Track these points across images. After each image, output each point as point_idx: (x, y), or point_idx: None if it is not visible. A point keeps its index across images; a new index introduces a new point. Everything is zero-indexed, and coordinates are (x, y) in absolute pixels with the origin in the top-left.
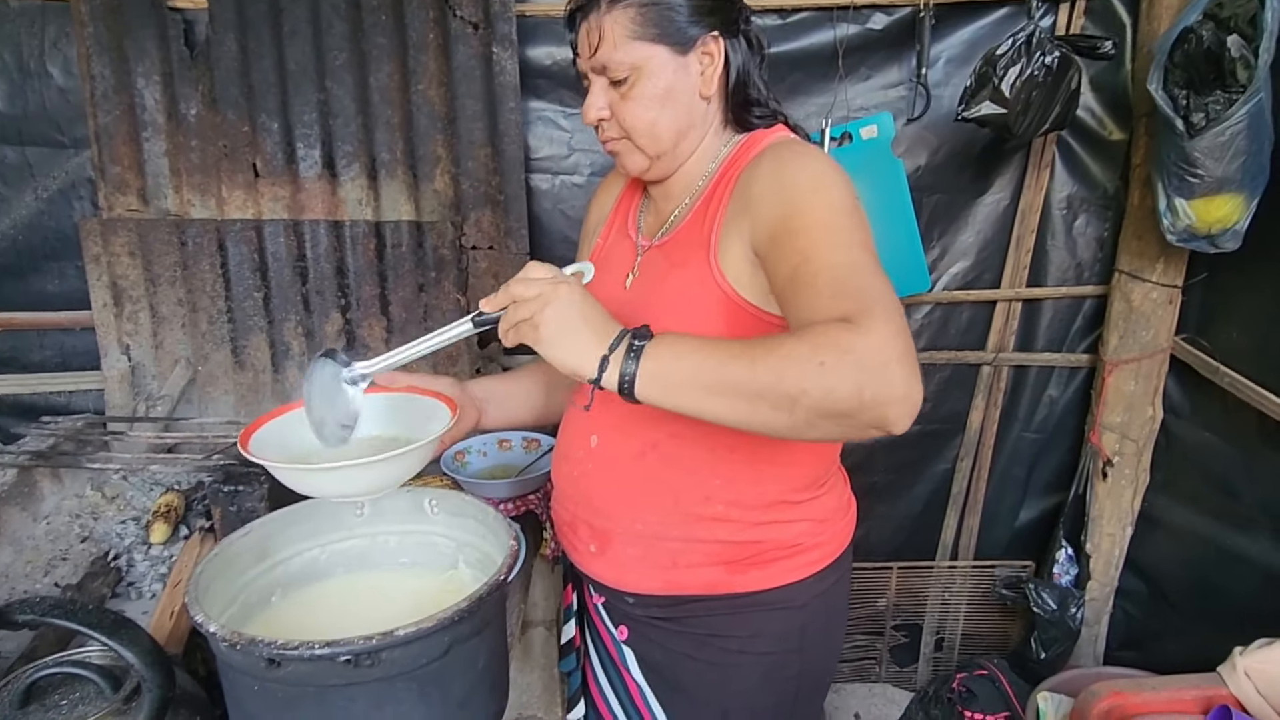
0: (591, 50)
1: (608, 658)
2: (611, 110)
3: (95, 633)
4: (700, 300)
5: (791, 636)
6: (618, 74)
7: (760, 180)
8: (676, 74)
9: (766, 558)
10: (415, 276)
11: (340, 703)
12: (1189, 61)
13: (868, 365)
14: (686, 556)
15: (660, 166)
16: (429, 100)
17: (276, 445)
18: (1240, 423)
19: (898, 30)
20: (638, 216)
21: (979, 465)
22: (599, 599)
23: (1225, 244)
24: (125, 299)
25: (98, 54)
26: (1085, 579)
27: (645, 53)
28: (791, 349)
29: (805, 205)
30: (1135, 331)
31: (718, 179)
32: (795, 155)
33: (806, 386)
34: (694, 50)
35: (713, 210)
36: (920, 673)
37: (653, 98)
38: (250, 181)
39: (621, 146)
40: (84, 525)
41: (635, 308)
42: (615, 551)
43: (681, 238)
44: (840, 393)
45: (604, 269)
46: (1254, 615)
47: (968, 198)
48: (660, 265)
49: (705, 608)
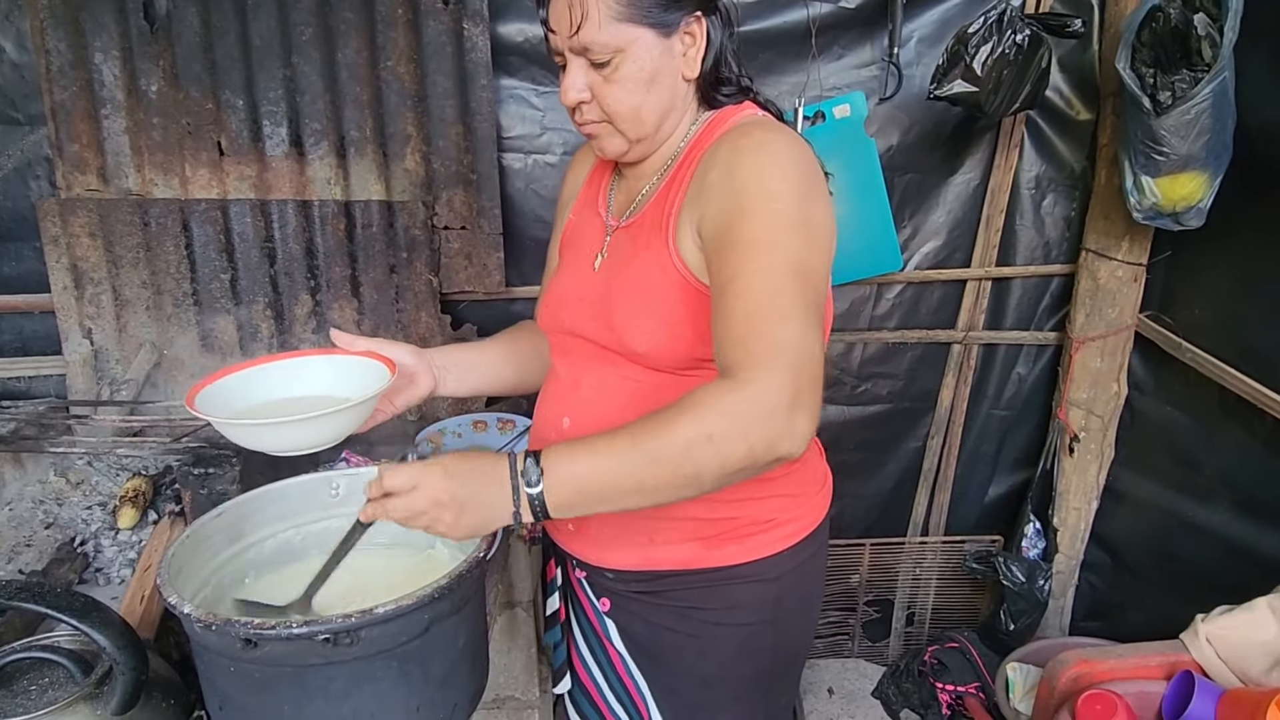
0: (573, 29)
1: (590, 629)
2: (592, 92)
3: (65, 615)
4: (659, 285)
5: (767, 608)
6: (600, 56)
7: (716, 168)
8: (661, 57)
9: (742, 533)
10: (386, 257)
11: (319, 682)
12: (1156, 40)
13: (752, 421)
14: (663, 533)
15: (639, 149)
16: (398, 77)
17: (226, 404)
18: (1202, 398)
19: (870, 9)
20: (608, 194)
21: (949, 442)
22: (581, 573)
23: (1189, 221)
24: (86, 281)
25: (53, 28)
26: (1052, 552)
27: (630, 35)
28: (680, 432)
29: (748, 214)
30: (1101, 309)
31: (683, 159)
32: (753, 148)
33: (702, 464)
34: (677, 31)
35: (673, 193)
36: (892, 647)
37: (637, 81)
38: (215, 160)
39: (601, 130)
40: (48, 511)
41: (603, 291)
42: (593, 530)
43: (645, 220)
44: (734, 456)
45: (574, 247)
46: (1214, 584)
47: (939, 178)
48: (626, 247)
49: (683, 581)
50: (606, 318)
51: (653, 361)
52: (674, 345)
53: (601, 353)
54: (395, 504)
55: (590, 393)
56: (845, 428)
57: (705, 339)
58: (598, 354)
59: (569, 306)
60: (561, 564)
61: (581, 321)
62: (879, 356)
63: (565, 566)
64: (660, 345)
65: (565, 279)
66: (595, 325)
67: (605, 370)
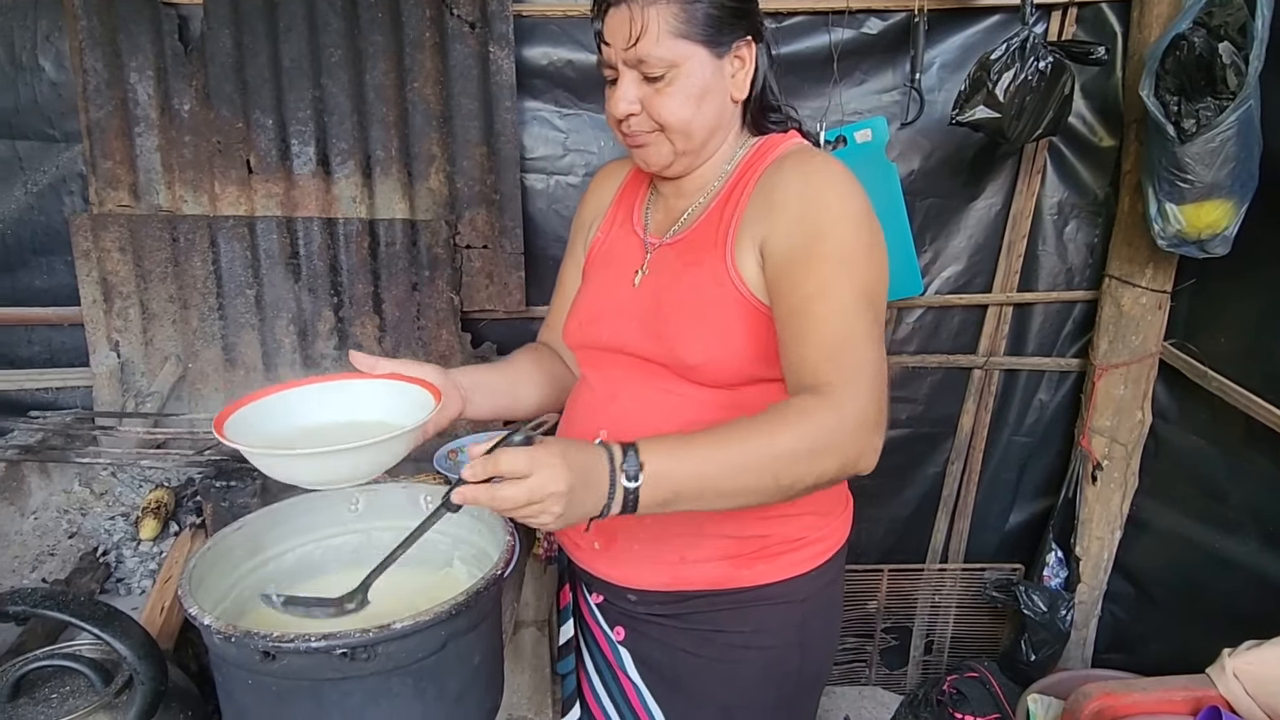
0: (630, 41)
1: (603, 660)
2: (643, 105)
3: (87, 624)
4: (715, 299)
5: (792, 630)
6: (655, 70)
7: (784, 188)
8: (713, 75)
9: (771, 551)
10: (408, 275)
11: (335, 697)
12: (1180, 68)
13: (847, 437)
14: (694, 551)
15: (683, 163)
16: (424, 98)
17: (253, 430)
18: (1228, 427)
19: (892, 35)
20: (643, 213)
21: (969, 468)
22: (597, 598)
23: (1215, 249)
24: (115, 295)
25: (90, 48)
26: (1074, 582)
27: (686, 51)
28: (785, 443)
29: (828, 233)
30: (1125, 336)
31: (735, 180)
32: (823, 171)
33: (800, 475)
34: (729, 53)
35: (730, 211)
36: (910, 675)
37: (689, 95)
38: (244, 178)
39: (652, 139)
40: (72, 521)
41: (647, 305)
42: (620, 548)
43: (696, 237)
44: (830, 470)
45: (607, 264)
46: (1240, 618)
47: (960, 202)
48: (673, 264)
49: (709, 603)
50: (657, 330)
51: (703, 375)
52: (727, 359)
53: (643, 365)
54: (507, 491)
55: (629, 405)
56: None
57: (758, 356)
58: (638, 367)
59: (607, 321)
60: (574, 590)
61: (625, 335)
62: (899, 381)
63: (578, 592)
64: (714, 359)
65: (599, 295)
66: (643, 338)
67: (645, 383)
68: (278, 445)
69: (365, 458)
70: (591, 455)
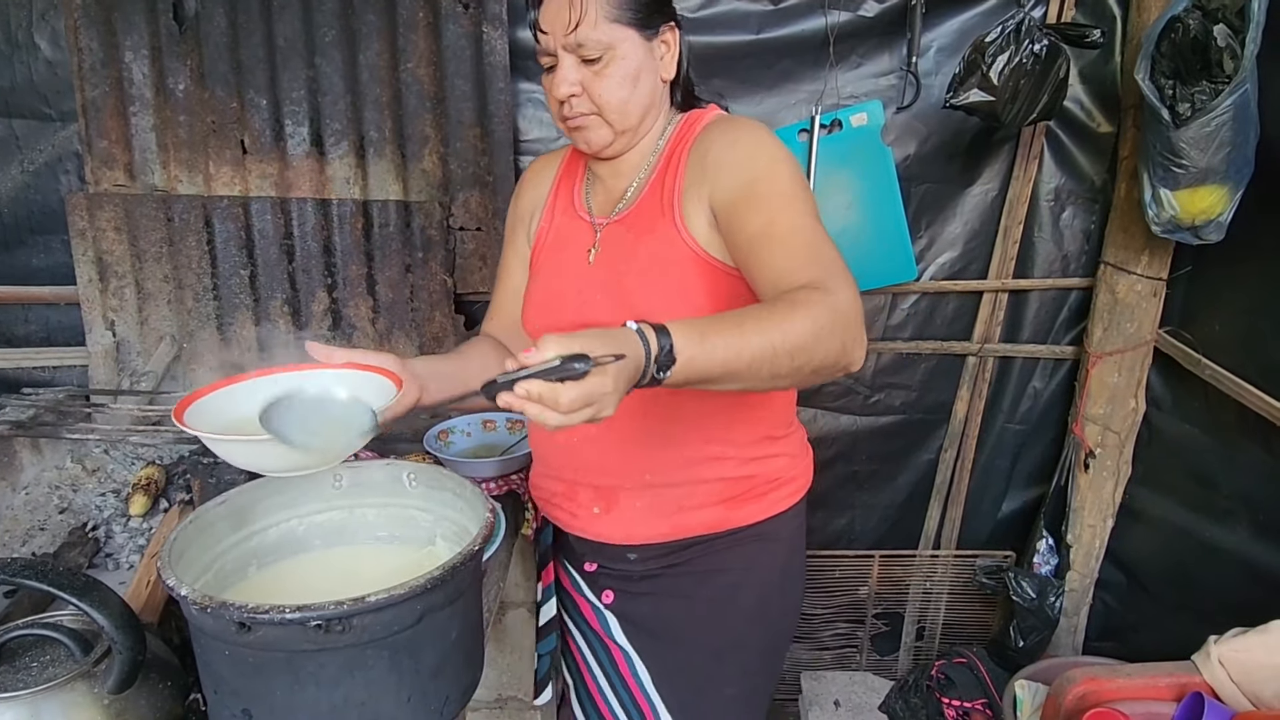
0: (570, 27)
1: (590, 631)
2: (583, 87)
3: (65, 594)
4: (673, 260)
5: (777, 569)
6: (592, 52)
7: (716, 147)
8: (645, 57)
9: (758, 491)
10: (402, 256)
11: (311, 668)
12: (1176, 51)
13: (845, 323)
14: (691, 498)
15: (622, 142)
16: (418, 79)
17: (215, 419)
18: (1221, 415)
19: (889, 18)
20: (584, 197)
21: (963, 455)
22: (590, 566)
23: (1208, 235)
24: (111, 275)
25: (86, 27)
26: (1065, 569)
27: (620, 34)
28: (797, 326)
29: (768, 173)
30: (1119, 324)
31: (669, 152)
32: (748, 128)
33: (807, 357)
34: (656, 37)
35: (670, 180)
36: (901, 661)
37: (625, 76)
38: (238, 158)
39: (590, 122)
40: (63, 497)
41: (607, 277)
42: (622, 507)
43: (643, 209)
44: (832, 352)
45: (558, 249)
46: (1231, 606)
47: (956, 188)
48: (625, 237)
49: (708, 546)
50: (621, 297)
51: None
52: (689, 313)
53: None
54: (556, 420)
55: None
56: (858, 438)
57: (718, 308)
58: None
59: (568, 299)
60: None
61: (589, 309)
62: (893, 367)
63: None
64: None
65: (555, 279)
66: (608, 307)
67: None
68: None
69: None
70: (631, 362)
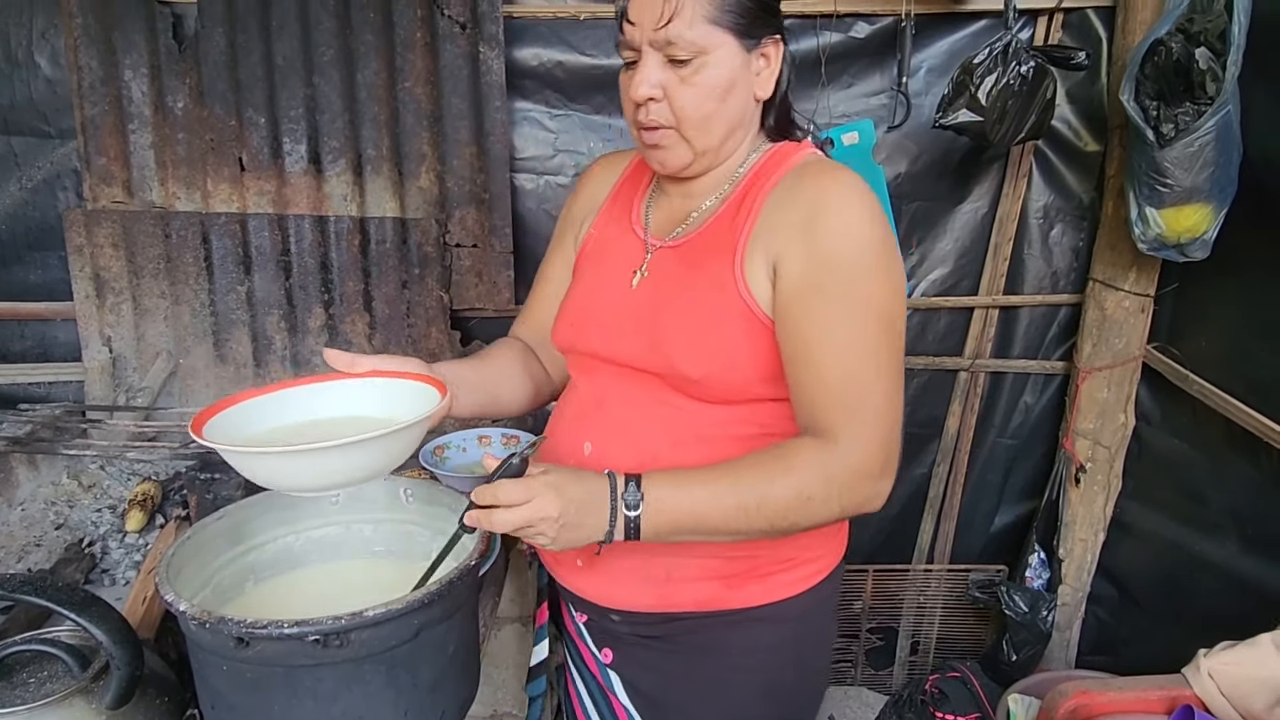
0: (661, 21)
1: (593, 681)
2: (664, 91)
3: (64, 609)
4: (720, 310)
5: (788, 649)
6: (683, 54)
7: (801, 204)
8: (740, 69)
9: (761, 571)
10: (399, 273)
11: (308, 683)
12: (1159, 73)
13: (848, 486)
14: (682, 570)
15: (702, 163)
16: (415, 98)
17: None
18: (1209, 431)
19: (880, 39)
20: (643, 210)
21: (955, 470)
22: (581, 618)
23: (1194, 253)
24: (108, 290)
25: (86, 45)
26: (1057, 583)
27: (717, 38)
28: (781, 489)
29: (847, 266)
30: (1108, 339)
31: (747, 185)
32: (841, 190)
33: (796, 520)
34: (757, 49)
35: (742, 218)
36: (895, 676)
37: (714, 87)
38: (236, 175)
39: (669, 139)
40: (59, 513)
41: (645, 311)
42: (605, 566)
43: (703, 241)
44: (828, 516)
45: (600, 262)
46: (1221, 620)
47: (947, 205)
48: (675, 268)
49: (699, 624)
50: (655, 339)
51: (703, 391)
52: (730, 377)
53: (637, 375)
54: (501, 516)
55: (617, 416)
56: None
57: (763, 375)
58: (632, 376)
59: (600, 326)
60: (555, 608)
61: (619, 342)
62: None
63: (561, 611)
64: (715, 375)
65: (592, 296)
66: (637, 345)
67: (637, 394)
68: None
69: (361, 455)
70: (591, 484)
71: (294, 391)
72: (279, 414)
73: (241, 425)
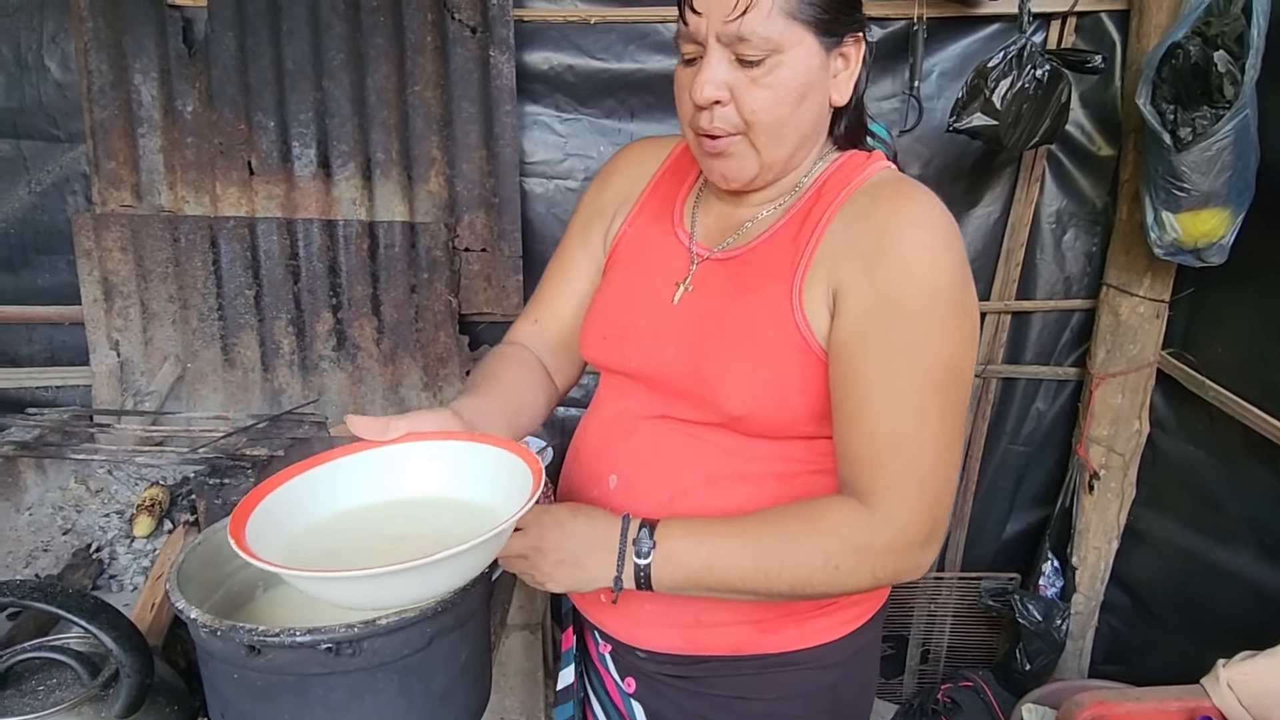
0: (735, 12)
1: (613, 709)
2: (731, 94)
3: (73, 616)
4: (773, 340)
5: (825, 696)
6: (754, 52)
7: (872, 230)
8: (817, 71)
9: (799, 616)
10: (407, 277)
11: (320, 692)
12: (1176, 77)
13: (882, 557)
14: (711, 614)
15: (767, 177)
16: (425, 102)
17: (284, 531)
18: (1225, 437)
19: (892, 43)
20: (688, 212)
21: (967, 477)
22: (606, 648)
23: (1211, 258)
24: (116, 294)
25: (96, 49)
26: (1071, 591)
27: (795, 35)
28: (806, 555)
29: (915, 308)
30: (1122, 345)
31: (813, 198)
32: (917, 217)
33: (822, 587)
34: (837, 48)
35: (805, 236)
36: (906, 685)
37: (789, 90)
38: (245, 179)
39: (736, 148)
40: (67, 518)
41: (688, 332)
42: (631, 602)
43: (758, 257)
44: (859, 585)
45: (636, 266)
46: (1238, 629)
47: (958, 210)
48: (724, 285)
49: (729, 668)
50: (696, 367)
51: (746, 427)
52: (778, 413)
53: (671, 400)
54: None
55: (647, 447)
56: None
57: (813, 413)
58: (665, 401)
59: (638, 343)
60: (580, 633)
61: (657, 365)
62: None
63: (585, 636)
64: (762, 411)
65: (628, 306)
66: (677, 371)
67: (671, 422)
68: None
69: (452, 568)
70: (600, 523)
71: (344, 463)
72: (330, 498)
73: (287, 518)
